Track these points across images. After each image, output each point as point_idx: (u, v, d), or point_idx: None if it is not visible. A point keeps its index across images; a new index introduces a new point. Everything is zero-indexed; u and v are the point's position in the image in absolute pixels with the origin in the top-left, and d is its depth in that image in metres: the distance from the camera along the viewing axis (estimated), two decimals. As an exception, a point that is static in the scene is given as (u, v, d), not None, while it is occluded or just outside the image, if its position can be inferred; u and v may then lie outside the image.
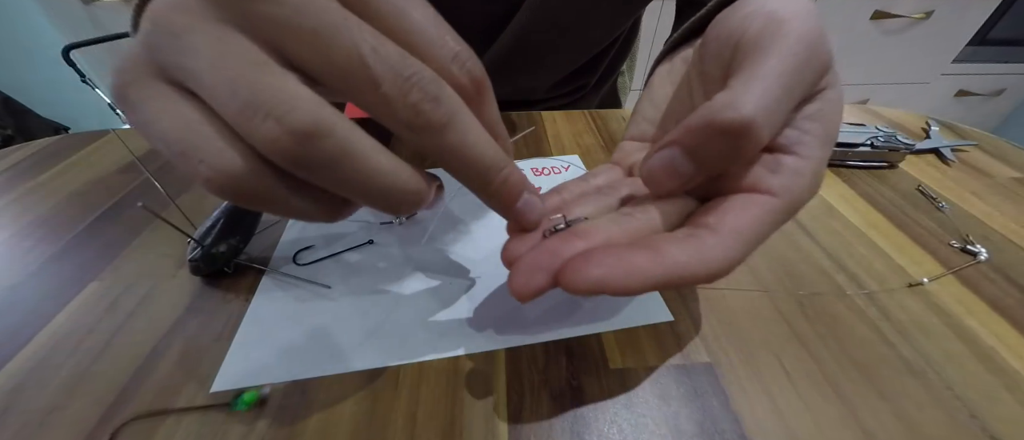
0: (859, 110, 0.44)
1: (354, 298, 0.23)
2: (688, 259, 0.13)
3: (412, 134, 0.12)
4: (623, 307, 0.22)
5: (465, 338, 0.21)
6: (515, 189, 0.15)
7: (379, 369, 0.19)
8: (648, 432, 0.17)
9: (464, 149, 0.13)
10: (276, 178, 0.12)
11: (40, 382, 0.19)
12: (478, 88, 0.14)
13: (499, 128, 0.15)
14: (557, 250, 0.14)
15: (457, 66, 0.13)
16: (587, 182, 0.20)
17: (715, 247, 0.13)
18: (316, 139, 0.11)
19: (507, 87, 0.48)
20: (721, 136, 0.13)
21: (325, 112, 0.11)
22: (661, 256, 0.13)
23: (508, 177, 0.15)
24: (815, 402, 0.18)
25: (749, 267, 0.24)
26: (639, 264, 0.13)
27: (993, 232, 0.27)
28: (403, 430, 0.17)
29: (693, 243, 0.14)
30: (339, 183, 0.12)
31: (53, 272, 0.25)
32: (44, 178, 0.34)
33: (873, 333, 0.21)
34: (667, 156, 0.14)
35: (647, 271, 0.13)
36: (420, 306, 0.22)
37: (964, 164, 0.34)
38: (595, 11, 0.41)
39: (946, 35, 1.13)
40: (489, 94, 0.14)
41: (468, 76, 0.13)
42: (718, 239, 0.13)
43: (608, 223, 0.16)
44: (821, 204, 0.30)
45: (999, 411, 0.18)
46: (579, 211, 0.17)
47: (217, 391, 0.18)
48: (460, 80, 0.13)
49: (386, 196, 0.13)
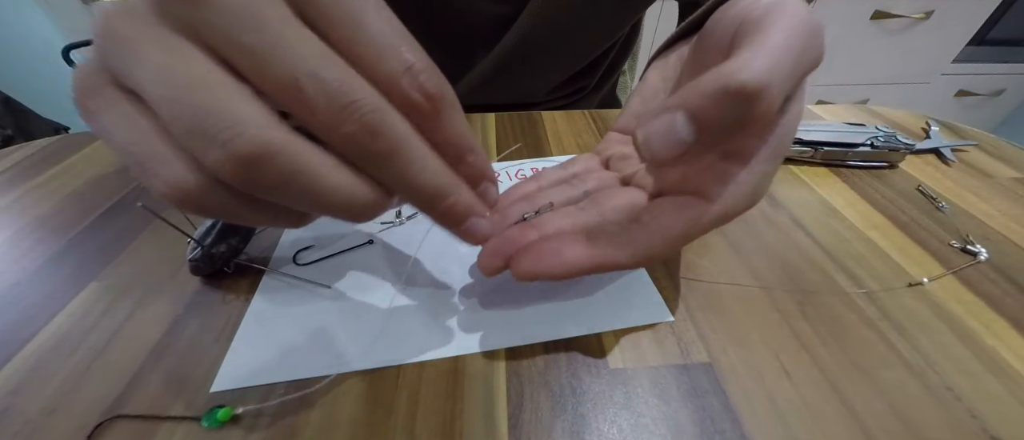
0: (859, 110, 0.44)
1: (354, 298, 0.23)
2: (612, 250, 0.16)
3: (353, 160, 0.12)
4: (623, 306, 0.22)
5: (465, 338, 0.21)
6: (461, 215, 0.15)
7: (379, 369, 0.19)
8: (648, 432, 0.17)
9: (407, 179, 0.13)
10: (231, 193, 0.12)
11: (40, 382, 0.19)
12: (434, 103, 0.13)
13: (464, 141, 0.14)
14: (514, 238, 0.18)
15: (409, 80, 0.12)
16: (565, 170, 0.23)
17: (640, 242, 0.16)
18: (261, 164, 0.10)
19: (509, 90, 0.48)
20: (732, 99, 0.12)
21: (272, 135, 0.10)
22: (589, 249, 0.16)
23: (453, 205, 0.14)
24: (815, 402, 0.18)
25: (750, 267, 0.24)
26: (568, 255, 0.16)
27: (993, 232, 0.27)
28: (403, 430, 0.17)
29: (622, 237, 0.16)
30: (291, 201, 0.12)
31: (53, 272, 0.25)
32: (44, 178, 0.34)
33: (873, 333, 0.21)
34: (667, 121, 0.13)
35: (575, 261, 0.16)
36: (420, 306, 0.22)
37: (964, 164, 0.34)
38: (596, 13, 0.41)
39: (946, 35, 1.13)
40: (449, 108, 0.13)
41: (421, 91, 0.12)
42: (647, 235, 0.16)
43: (561, 217, 0.19)
44: (821, 204, 0.30)
45: (999, 411, 0.18)
46: (545, 199, 0.20)
47: (217, 391, 0.18)
48: (412, 96, 0.12)
49: (341, 210, 0.13)
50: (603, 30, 0.44)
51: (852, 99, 1.22)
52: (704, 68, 0.17)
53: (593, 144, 0.37)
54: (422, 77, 0.12)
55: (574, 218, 0.19)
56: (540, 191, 0.22)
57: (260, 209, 0.13)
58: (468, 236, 0.16)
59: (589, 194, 0.20)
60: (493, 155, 0.36)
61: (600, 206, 0.19)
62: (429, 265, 0.25)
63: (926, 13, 1.08)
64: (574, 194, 0.21)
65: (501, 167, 0.34)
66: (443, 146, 0.14)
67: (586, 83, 0.52)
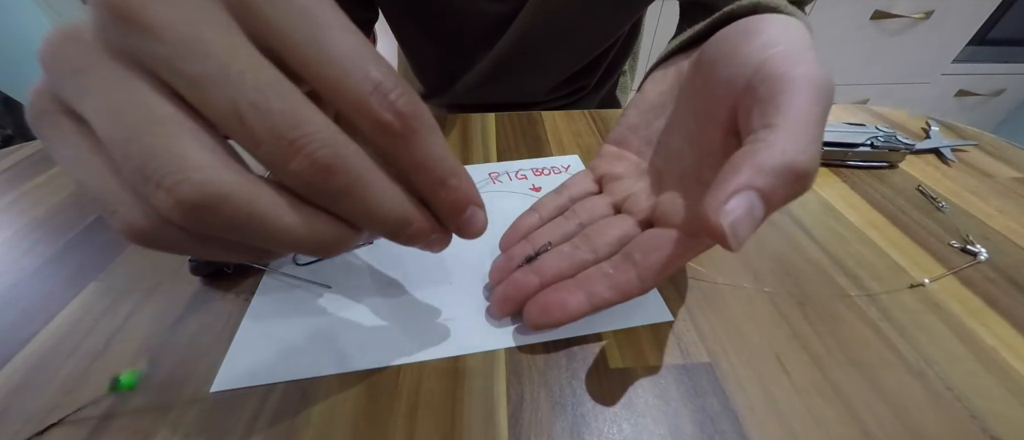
0: (859, 110, 0.44)
1: (354, 298, 0.23)
2: (610, 294, 0.18)
3: (306, 197, 0.12)
4: (623, 307, 0.22)
5: (465, 338, 0.21)
6: (420, 239, 0.14)
7: (379, 369, 0.19)
8: (648, 432, 0.17)
9: (364, 213, 0.12)
10: (187, 233, 0.11)
11: (40, 382, 0.19)
12: (406, 123, 0.12)
13: (444, 164, 0.13)
14: (520, 283, 0.20)
15: (377, 99, 0.11)
16: (561, 195, 0.25)
17: (632, 281, 0.18)
18: (209, 210, 0.10)
19: (509, 89, 0.48)
20: (798, 182, 0.13)
21: (220, 178, 0.10)
22: (590, 296, 0.19)
23: (415, 233, 0.14)
24: (815, 402, 0.18)
25: (750, 267, 0.24)
26: (572, 305, 0.19)
27: (993, 232, 0.27)
28: (403, 430, 0.17)
29: (615, 278, 0.18)
30: (250, 240, 0.11)
31: (53, 272, 0.25)
32: (44, 178, 0.34)
33: (873, 333, 0.21)
34: (747, 206, 0.13)
35: (579, 309, 0.18)
36: (420, 306, 0.22)
37: (964, 164, 0.34)
38: (595, 13, 0.41)
39: (946, 35, 1.13)
40: (423, 129, 0.12)
41: (392, 110, 0.11)
42: (636, 273, 0.18)
43: (558, 258, 0.21)
44: (821, 204, 0.30)
45: (999, 411, 0.18)
46: (543, 238, 0.22)
47: (217, 391, 0.18)
48: (382, 117, 0.11)
49: (303, 249, 0.12)
50: (602, 29, 0.44)
51: (852, 99, 1.22)
52: (711, 95, 0.18)
53: (593, 144, 0.37)
54: (392, 95, 0.11)
55: (571, 258, 0.21)
56: (540, 224, 0.24)
57: (223, 246, 0.12)
58: (429, 250, 0.15)
59: (583, 226, 0.22)
60: (493, 156, 0.36)
61: (593, 242, 0.21)
62: (429, 265, 0.25)
63: (926, 13, 1.08)
64: (569, 228, 0.23)
65: (501, 167, 0.34)
66: (419, 170, 0.13)
67: (586, 83, 0.52)
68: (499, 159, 0.35)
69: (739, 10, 0.19)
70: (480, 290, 0.23)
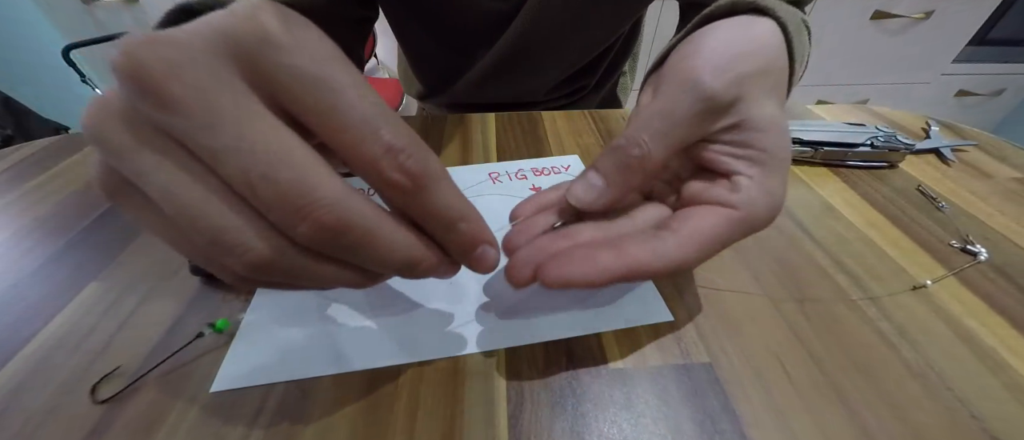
0: (859, 110, 0.44)
1: (354, 298, 0.23)
2: (646, 256, 0.16)
3: (320, 252, 0.12)
4: (624, 306, 0.22)
5: (465, 338, 0.21)
6: (430, 274, 0.15)
7: (379, 369, 0.19)
8: (648, 432, 0.17)
9: (376, 262, 0.13)
10: (311, 258, 0.12)
11: (40, 382, 0.19)
12: (417, 181, 0.12)
13: (453, 211, 0.14)
14: (545, 247, 0.17)
15: (388, 162, 0.12)
16: (559, 191, 0.21)
17: (672, 246, 0.16)
18: (341, 233, 0.11)
19: (509, 88, 0.48)
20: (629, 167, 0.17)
21: (351, 204, 0.11)
22: (623, 254, 0.16)
23: (424, 271, 0.14)
24: (815, 402, 0.18)
25: (750, 267, 0.24)
26: (603, 261, 0.16)
27: (993, 232, 0.27)
28: (403, 430, 0.17)
29: (653, 242, 0.16)
30: (362, 260, 0.13)
31: (53, 272, 0.25)
32: (44, 178, 0.34)
33: (873, 333, 0.21)
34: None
35: (609, 267, 0.16)
36: (420, 306, 0.22)
37: (964, 164, 0.34)
38: (595, 12, 0.41)
39: (946, 35, 1.13)
40: (433, 183, 0.13)
41: (402, 172, 0.12)
42: (676, 239, 0.16)
43: (591, 228, 0.18)
44: (821, 204, 0.30)
45: (999, 411, 0.18)
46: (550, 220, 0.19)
47: (217, 391, 0.18)
48: (393, 178, 0.12)
49: (403, 267, 0.13)
50: (602, 28, 0.44)
51: (852, 99, 1.21)
52: None
53: (593, 144, 0.37)
54: (402, 157, 0.12)
55: (606, 230, 0.18)
56: (541, 208, 0.20)
57: (337, 268, 0.13)
58: (442, 278, 0.16)
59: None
60: (493, 156, 0.36)
61: (632, 218, 0.19)
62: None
63: (926, 13, 1.08)
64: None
65: (501, 167, 0.34)
66: (429, 218, 0.14)
67: (586, 83, 0.52)
68: (499, 159, 0.35)
69: (717, 11, 0.19)
70: (480, 290, 0.23)
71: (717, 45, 0.17)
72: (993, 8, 1.10)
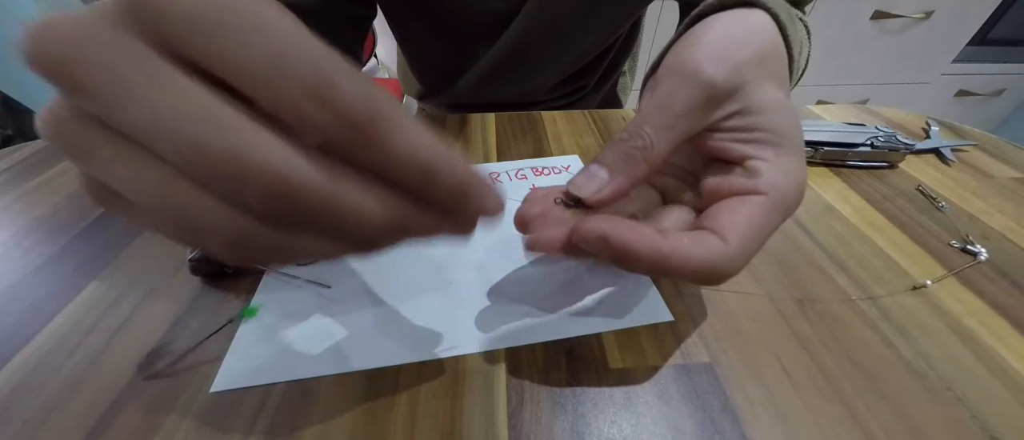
0: (859, 110, 0.44)
1: (354, 298, 0.23)
2: (692, 244, 0.14)
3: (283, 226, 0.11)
4: (624, 306, 0.22)
5: (465, 338, 0.21)
6: (433, 235, 0.13)
7: (379, 369, 0.19)
8: (648, 432, 0.17)
9: (349, 229, 0.11)
10: (283, 230, 0.11)
11: (40, 382, 0.19)
12: (358, 128, 0.10)
13: (421, 156, 0.11)
14: (566, 220, 0.16)
15: (313, 105, 0.09)
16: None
17: (716, 244, 0.15)
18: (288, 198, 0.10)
19: (509, 88, 0.48)
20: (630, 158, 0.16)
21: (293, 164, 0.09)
22: (669, 239, 0.14)
23: (421, 233, 0.13)
24: (815, 402, 0.18)
25: (749, 267, 0.24)
26: (648, 235, 0.14)
27: (993, 232, 0.27)
28: (403, 430, 0.17)
29: (699, 236, 0.15)
30: (337, 226, 0.11)
31: (53, 272, 0.25)
32: (44, 178, 0.34)
33: (873, 333, 0.21)
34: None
35: (655, 244, 0.14)
36: (420, 306, 0.22)
37: (964, 164, 0.34)
38: (595, 11, 0.41)
39: (946, 35, 1.13)
40: (384, 125, 0.10)
41: (334, 115, 0.09)
42: (715, 238, 0.15)
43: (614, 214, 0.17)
44: (821, 204, 0.30)
45: (999, 411, 0.18)
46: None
47: (217, 391, 0.18)
48: (323, 123, 0.09)
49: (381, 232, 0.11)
50: (602, 28, 0.44)
51: (852, 99, 1.21)
52: None
53: (593, 144, 0.37)
54: (329, 93, 0.09)
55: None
56: (547, 195, 0.19)
57: (316, 236, 0.11)
58: (460, 237, 0.14)
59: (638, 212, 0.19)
60: (493, 156, 0.36)
61: (657, 222, 0.18)
62: (429, 265, 0.25)
63: (926, 13, 1.08)
64: (622, 210, 0.19)
65: (501, 167, 0.34)
66: (394, 169, 0.11)
67: (586, 82, 0.52)
68: (499, 159, 0.35)
69: (706, 9, 0.19)
70: (480, 290, 0.23)
71: (714, 36, 0.17)
72: (993, 8, 1.10)
